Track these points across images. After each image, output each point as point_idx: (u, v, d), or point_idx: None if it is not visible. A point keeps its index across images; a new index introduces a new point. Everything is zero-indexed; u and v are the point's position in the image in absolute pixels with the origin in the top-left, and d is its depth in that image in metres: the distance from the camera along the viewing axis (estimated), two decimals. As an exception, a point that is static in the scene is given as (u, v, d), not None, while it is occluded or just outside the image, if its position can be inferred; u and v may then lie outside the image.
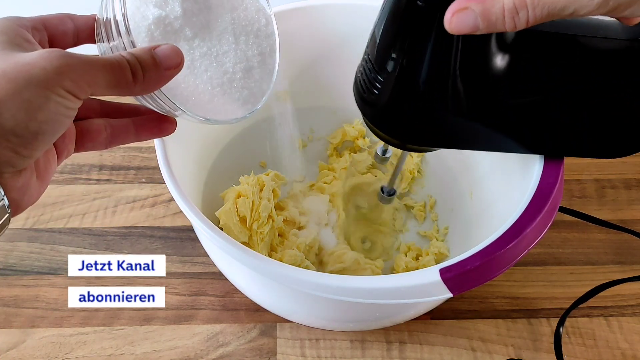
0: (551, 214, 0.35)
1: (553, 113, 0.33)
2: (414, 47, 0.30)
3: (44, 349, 0.45)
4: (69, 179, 0.56)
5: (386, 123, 0.34)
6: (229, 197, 0.45)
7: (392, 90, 0.32)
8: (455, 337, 0.46)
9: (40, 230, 0.52)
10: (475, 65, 0.31)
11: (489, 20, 0.26)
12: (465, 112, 0.33)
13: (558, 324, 0.45)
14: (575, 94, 0.33)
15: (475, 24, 0.26)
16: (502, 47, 0.30)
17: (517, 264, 0.50)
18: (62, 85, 0.24)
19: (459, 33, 0.26)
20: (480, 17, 0.25)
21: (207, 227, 0.34)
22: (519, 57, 0.31)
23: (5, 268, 0.49)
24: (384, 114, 0.34)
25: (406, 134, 0.35)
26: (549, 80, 0.32)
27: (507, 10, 0.25)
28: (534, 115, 0.34)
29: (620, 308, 0.48)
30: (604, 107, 0.33)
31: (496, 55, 0.30)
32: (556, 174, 0.36)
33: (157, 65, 0.27)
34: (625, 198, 0.56)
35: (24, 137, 0.24)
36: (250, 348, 0.45)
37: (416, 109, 0.32)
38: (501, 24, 0.26)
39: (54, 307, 0.47)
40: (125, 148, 0.59)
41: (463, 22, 0.26)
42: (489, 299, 0.48)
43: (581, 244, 0.52)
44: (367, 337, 0.46)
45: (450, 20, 0.26)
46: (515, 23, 0.25)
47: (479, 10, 0.25)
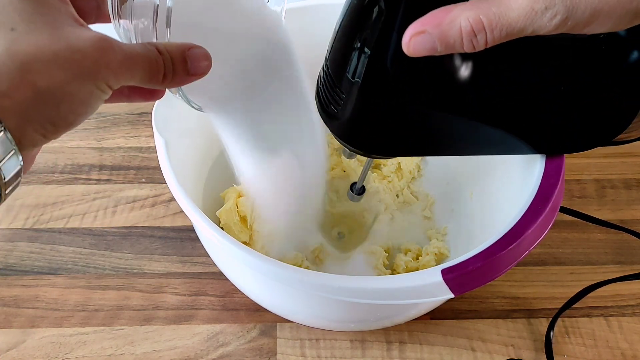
0: (552, 214, 0.35)
1: (525, 113, 0.33)
2: (375, 57, 0.29)
3: (44, 349, 0.44)
4: (69, 179, 0.56)
5: (352, 137, 0.34)
6: (229, 196, 0.45)
7: (354, 108, 0.31)
8: (455, 337, 0.46)
9: (40, 230, 0.52)
10: (442, 71, 0.30)
11: (447, 44, 0.25)
12: (434, 119, 0.32)
13: (549, 326, 0.45)
14: (547, 91, 0.33)
15: (433, 47, 0.25)
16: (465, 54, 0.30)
17: (517, 264, 0.51)
18: (106, 79, 0.24)
19: (417, 55, 0.26)
20: (438, 40, 0.25)
21: (208, 226, 0.34)
22: (488, 59, 0.31)
23: (5, 268, 0.49)
24: (349, 127, 0.33)
25: (372, 147, 0.34)
26: (519, 80, 0.32)
27: (465, 34, 0.25)
28: (504, 118, 0.33)
29: (620, 308, 0.48)
30: (575, 103, 0.34)
31: (465, 59, 0.30)
32: (557, 174, 0.36)
33: (186, 70, 0.27)
34: (625, 198, 0.56)
35: (59, 126, 0.24)
36: (250, 348, 0.45)
37: (381, 121, 0.32)
38: (459, 46, 0.25)
39: (54, 307, 0.47)
40: (125, 148, 0.59)
41: (421, 45, 0.26)
42: (489, 299, 0.48)
43: (581, 244, 0.52)
44: (367, 337, 0.46)
45: (408, 44, 0.26)
46: (473, 45, 0.25)
47: (436, 33, 0.25)
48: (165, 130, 0.39)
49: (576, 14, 0.24)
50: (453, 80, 0.31)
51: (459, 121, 0.33)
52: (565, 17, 0.24)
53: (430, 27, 0.25)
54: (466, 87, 0.32)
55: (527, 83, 0.32)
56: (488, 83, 0.32)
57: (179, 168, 0.38)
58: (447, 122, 0.33)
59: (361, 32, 0.29)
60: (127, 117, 0.62)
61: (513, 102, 0.33)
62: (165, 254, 0.51)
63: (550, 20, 0.24)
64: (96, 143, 0.59)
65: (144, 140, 0.59)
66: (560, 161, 0.37)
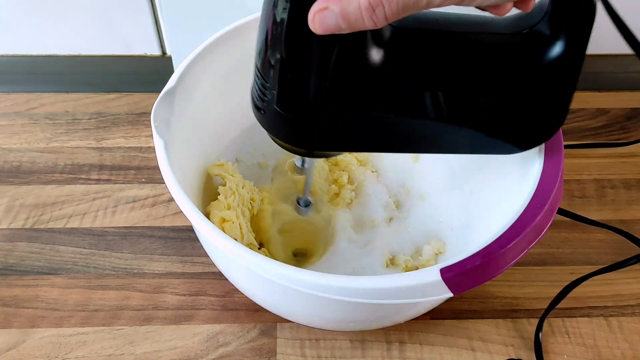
0: (551, 213, 0.35)
1: (441, 111, 0.33)
2: (292, 51, 0.29)
3: (44, 349, 0.45)
4: (69, 179, 0.56)
5: (281, 129, 0.34)
6: (214, 220, 0.43)
7: (278, 97, 0.31)
8: (455, 337, 0.46)
9: (40, 230, 0.52)
10: (359, 67, 0.30)
11: (348, 20, 0.25)
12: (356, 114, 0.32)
13: (537, 326, 0.45)
14: (464, 90, 0.33)
15: (337, 24, 0.26)
16: (384, 46, 0.30)
17: (517, 264, 0.50)
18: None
19: (323, 33, 0.26)
20: (340, 17, 0.25)
21: (209, 227, 0.34)
22: (403, 55, 0.31)
23: (5, 268, 0.49)
24: (278, 119, 0.33)
25: (303, 141, 0.34)
26: (436, 77, 0.32)
27: (364, 9, 0.25)
28: (425, 113, 0.33)
29: (620, 308, 0.48)
30: (498, 102, 0.34)
31: (378, 55, 0.30)
32: (556, 173, 0.36)
33: None
34: (625, 198, 0.56)
35: None
36: (250, 348, 0.45)
37: (305, 115, 0.32)
38: (361, 23, 0.25)
39: (54, 307, 0.47)
40: (125, 148, 0.59)
41: (325, 21, 0.26)
42: (489, 299, 0.48)
43: (581, 244, 0.52)
44: (367, 337, 0.46)
45: (313, 20, 0.26)
46: (374, 21, 0.25)
47: (337, 10, 0.25)
48: (164, 132, 0.39)
49: None
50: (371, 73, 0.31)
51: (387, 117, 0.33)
52: None
53: (332, 3, 0.25)
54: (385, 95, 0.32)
55: (453, 82, 0.33)
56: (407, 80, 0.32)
57: (178, 169, 0.38)
58: (371, 116, 0.33)
59: (274, 12, 0.29)
60: (127, 117, 0.62)
61: (443, 102, 0.33)
62: (165, 254, 0.51)
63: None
64: (96, 143, 0.60)
65: (144, 140, 0.59)
66: (558, 160, 0.37)
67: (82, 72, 0.64)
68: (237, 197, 0.45)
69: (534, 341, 0.45)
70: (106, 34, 0.62)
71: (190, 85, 0.43)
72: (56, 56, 0.64)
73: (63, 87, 0.65)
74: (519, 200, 0.35)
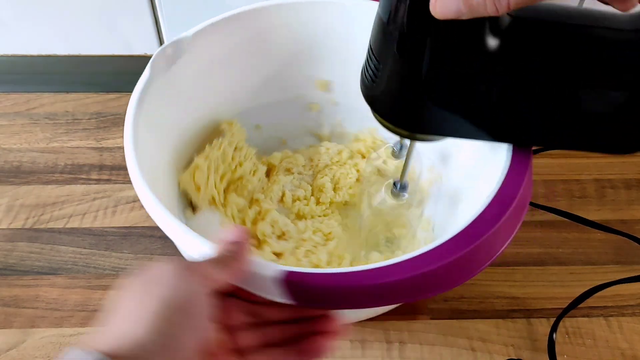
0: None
1: (554, 103, 0.33)
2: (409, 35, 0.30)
3: (44, 349, 0.44)
4: (69, 179, 0.56)
5: (390, 111, 0.34)
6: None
7: (389, 77, 0.32)
8: (455, 337, 0.46)
9: (40, 230, 0.52)
10: (475, 53, 0.30)
11: (470, 5, 0.26)
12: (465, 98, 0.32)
13: (552, 327, 0.45)
14: (579, 84, 0.32)
15: (458, 9, 0.26)
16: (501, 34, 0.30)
17: (517, 264, 0.50)
18: None
19: (443, 18, 0.27)
20: (462, 2, 0.26)
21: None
22: (520, 45, 0.31)
23: (5, 268, 0.49)
24: (386, 102, 0.33)
25: (408, 122, 0.34)
26: (551, 69, 0.32)
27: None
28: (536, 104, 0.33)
29: (620, 308, 0.48)
30: (608, 99, 0.33)
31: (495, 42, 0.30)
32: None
33: None
34: (625, 198, 0.56)
35: None
36: (250, 348, 0.45)
37: (415, 96, 0.32)
38: (483, 9, 0.26)
39: (54, 307, 0.47)
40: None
41: (446, 6, 0.26)
42: (489, 299, 0.48)
43: (581, 244, 0.52)
44: (367, 337, 0.46)
45: (435, 4, 0.27)
46: (496, 7, 0.26)
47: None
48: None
49: None
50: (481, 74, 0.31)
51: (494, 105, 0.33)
52: None
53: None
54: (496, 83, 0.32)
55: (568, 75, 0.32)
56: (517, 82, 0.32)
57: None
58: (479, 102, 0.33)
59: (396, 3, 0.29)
60: (127, 118, 0.62)
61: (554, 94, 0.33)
62: (165, 254, 0.51)
63: None
64: (96, 143, 0.60)
65: (144, 141, 0.59)
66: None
67: (82, 72, 0.64)
68: (220, 153, 0.48)
69: (547, 342, 0.45)
70: (106, 34, 0.62)
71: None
72: (56, 56, 0.64)
73: (63, 87, 0.65)
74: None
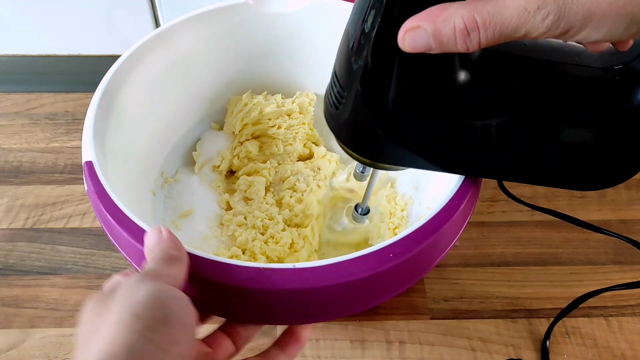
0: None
1: (520, 139, 0.32)
2: (375, 62, 0.29)
3: (44, 349, 0.45)
4: (69, 179, 0.56)
5: (352, 138, 0.33)
6: None
7: (353, 105, 0.31)
8: (455, 337, 0.46)
9: (40, 230, 0.52)
10: (442, 85, 0.30)
11: (440, 41, 0.25)
12: (432, 133, 0.32)
13: (547, 330, 0.46)
14: (547, 121, 0.32)
15: (427, 44, 0.25)
16: (470, 68, 0.29)
17: (517, 264, 0.50)
18: None
19: (412, 52, 0.26)
20: (432, 37, 0.25)
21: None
22: (488, 78, 0.30)
23: (5, 268, 0.49)
24: (350, 127, 0.33)
25: (371, 153, 0.34)
26: (519, 104, 0.31)
27: (459, 32, 0.25)
28: (503, 140, 0.32)
29: (620, 308, 0.48)
30: (574, 137, 0.32)
31: (463, 76, 0.29)
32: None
33: None
34: (625, 198, 0.56)
35: None
36: (250, 348, 0.45)
37: (378, 130, 0.32)
38: (453, 45, 0.25)
39: (54, 307, 0.47)
40: (125, 148, 0.59)
41: (415, 41, 0.26)
42: (489, 299, 0.48)
43: (581, 244, 0.52)
44: (367, 337, 0.46)
45: (403, 38, 0.26)
46: (467, 44, 0.25)
47: (430, 29, 0.25)
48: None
49: (568, 16, 0.24)
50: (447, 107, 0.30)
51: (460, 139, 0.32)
52: (557, 17, 0.24)
53: (425, 22, 0.25)
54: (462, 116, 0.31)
55: (535, 111, 0.31)
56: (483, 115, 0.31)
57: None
58: (444, 135, 0.32)
59: (363, 24, 0.28)
60: (127, 117, 0.62)
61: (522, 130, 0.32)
62: (165, 254, 0.51)
63: (543, 20, 0.24)
64: (96, 143, 0.59)
65: (144, 141, 0.59)
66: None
67: (82, 72, 0.64)
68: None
69: (542, 342, 0.45)
70: (106, 34, 0.62)
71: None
72: (56, 56, 0.64)
73: (63, 87, 0.65)
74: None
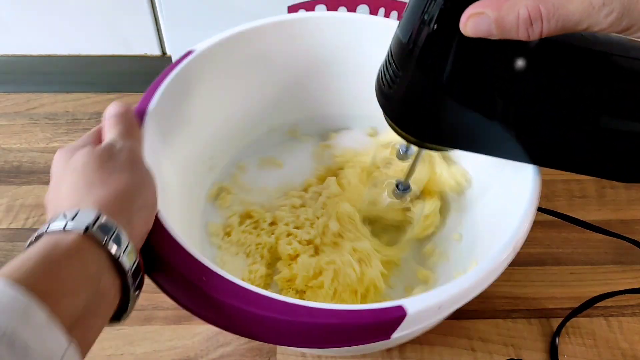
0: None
1: (569, 128, 0.33)
2: (433, 44, 0.29)
3: (44, 349, 0.44)
4: (69, 179, 0.56)
5: (403, 118, 0.34)
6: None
7: (408, 85, 0.32)
8: (455, 337, 0.46)
9: (40, 230, 0.52)
10: (496, 70, 0.30)
11: (502, 28, 0.26)
12: (482, 114, 0.32)
13: (555, 331, 0.46)
14: (598, 111, 0.32)
15: (489, 30, 0.26)
16: (527, 55, 0.30)
17: (516, 264, 0.50)
18: None
19: (473, 36, 0.27)
20: (495, 23, 0.26)
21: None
22: (544, 66, 0.31)
23: (5, 268, 0.49)
24: (402, 108, 0.33)
25: (420, 131, 0.34)
26: (572, 93, 0.32)
27: (522, 20, 0.25)
28: (551, 127, 0.33)
29: (620, 308, 0.48)
30: (624, 128, 0.33)
31: (519, 62, 0.30)
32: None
33: None
34: (625, 198, 0.56)
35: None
36: (250, 348, 0.45)
37: (431, 108, 0.32)
38: (515, 33, 0.26)
39: (54, 307, 0.47)
40: (125, 148, 0.59)
41: (477, 26, 0.26)
42: (489, 299, 0.48)
43: (581, 244, 0.52)
44: (367, 337, 0.46)
45: (465, 23, 0.27)
46: (528, 33, 0.26)
47: (493, 16, 0.26)
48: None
49: (632, 14, 0.25)
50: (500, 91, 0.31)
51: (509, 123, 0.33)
52: (621, 14, 0.25)
53: (489, 9, 0.26)
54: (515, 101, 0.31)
55: (587, 101, 0.32)
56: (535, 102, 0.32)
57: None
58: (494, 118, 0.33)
59: (424, 9, 0.29)
60: (127, 118, 0.62)
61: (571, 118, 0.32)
62: (165, 254, 0.51)
63: (606, 17, 0.25)
64: (96, 143, 0.59)
65: (144, 141, 0.59)
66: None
67: (82, 72, 0.64)
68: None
69: (550, 343, 0.45)
70: (106, 34, 0.62)
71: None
72: (56, 56, 0.64)
73: (63, 87, 0.65)
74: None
